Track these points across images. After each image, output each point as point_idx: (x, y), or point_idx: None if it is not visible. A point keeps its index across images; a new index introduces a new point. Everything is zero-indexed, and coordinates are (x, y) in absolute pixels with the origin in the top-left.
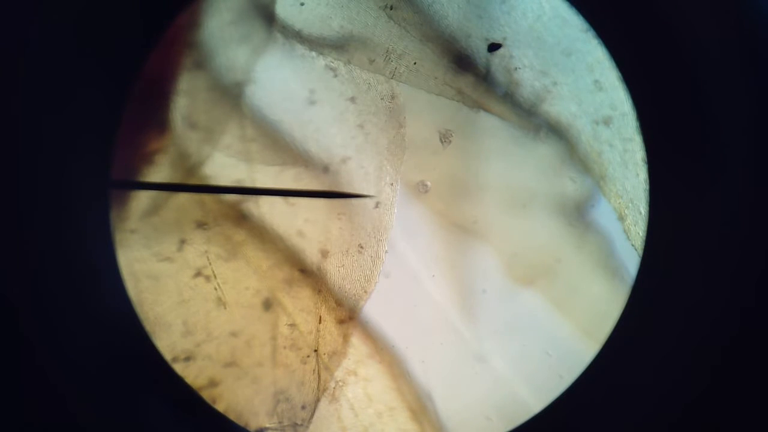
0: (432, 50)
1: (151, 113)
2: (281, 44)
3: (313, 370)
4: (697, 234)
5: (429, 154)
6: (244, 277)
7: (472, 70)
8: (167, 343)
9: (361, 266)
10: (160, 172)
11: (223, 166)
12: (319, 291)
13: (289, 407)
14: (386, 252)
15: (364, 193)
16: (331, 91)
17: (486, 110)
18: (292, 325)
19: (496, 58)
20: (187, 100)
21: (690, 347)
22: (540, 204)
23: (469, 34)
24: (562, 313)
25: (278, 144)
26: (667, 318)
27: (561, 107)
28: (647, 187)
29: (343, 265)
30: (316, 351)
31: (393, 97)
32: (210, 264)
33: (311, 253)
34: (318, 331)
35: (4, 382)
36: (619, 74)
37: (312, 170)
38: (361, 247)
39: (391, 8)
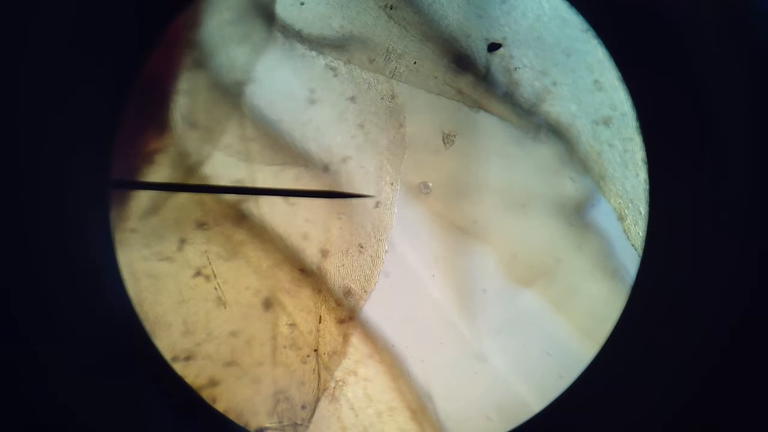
0: (432, 50)
1: (151, 113)
2: (281, 44)
3: (313, 370)
4: (697, 234)
5: (429, 154)
6: (244, 276)
7: (472, 70)
8: (167, 342)
9: (361, 266)
10: (160, 171)
11: (223, 166)
12: (319, 291)
13: (289, 407)
14: (386, 252)
15: (364, 192)
16: (331, 91)
17: (486, 110)
18: (292, 325)
19: (496, 58)
20: (187, 99)
21: (689, 347)
22: (540, 204)
23: (469, 34)
24: (562, 313)
25: (278, 143)
26: (667, 318)
27: (561, 107)
28: (647, 187)
29: (343, 265)
30: (316, 351)
31: (393, 97)
32: (210, 264)
33: (311, 253)
34: (318, 330)
35: (4, 381)
36: (619, 74)
37: (312, 170)
38: (361, 247)
39: (391, 8)
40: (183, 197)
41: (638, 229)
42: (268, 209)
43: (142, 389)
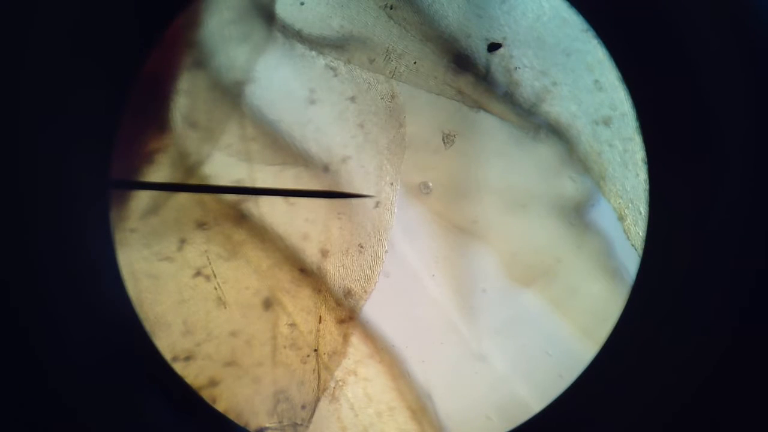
0: (432, 50)
1: (151, 113)
2: (281, 43)
3: (313, 370)
4: (697, 234)
5: (429, 154)
6: (244, 276)
7: (472, 69)
8: (167, 342)
9: (361, 266)
10: (160, 171)
11: (223, 166)
12: (319, 291)
13: (289, 407)
14: (386, 252)
15: (364, 192)
16: (331, 91)
17: (486, 110)
18: (292, 325)
19: (496, 58)
20: (187, 99)
21: (690, 347)
22: (540, 204)
23: (469, 34)
24: (562, 312)
25: (278, 143)
26: (667, 318)
27: (561, 107)
28: (647, 187)
29: (343, 265)
30: (316, 351)
31: (393, 97)
32: (210, 263)
33: (311, 253)
34: (318, 330)
35: (4, 381)
36: (619, 74)
37: (312, 170)
38: (361, 247)
39: (391, 8)
40: (183, 197)
41: (638, 229)
42: (268, 209)
43: (142, 389)
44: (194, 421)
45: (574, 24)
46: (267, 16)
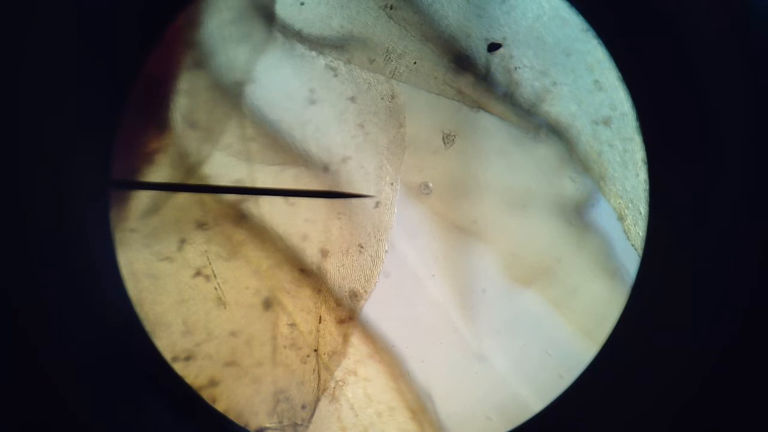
0: (432, 50)
1: (151, 113)
2: (281, 44)
3: (313, 370)
4: (697, 234)
5: (429, 154)
6: (244, 276)
7: (472, 70)
8: (167, 342)
9: (361, 266)
10: (160, 171)
11: (223, 166)
12: (319, 291)
13: (289, 407)
14: (386, 252)
15: (364, 192)
16: (331, 91)
17: (486, 110)
18: (292, 325)
19: (496, 58)
20: (187, 99)
21: (690, 347)
22: (540, 204)
23: (469, 34)
24: (562, 313)
25: (278, 143)
26: (667, 318)
27: (561, 107)
28: (647, 187)
29: (343, 265)
30: (316, 351)
31: (393, 97)
32: (210, 263)
33: (311, 253)
34: (318, 330)
35: (5, 381)
36: (619, 74)
37: (312, 170)
38: (361, 247)
39: (391, 8)
40: (183, 197)
41: (638, 229)
42: (268, 209)
43: (142, 389)
44: (194, 421)
45: (574, 24)
46: (267, 16)
